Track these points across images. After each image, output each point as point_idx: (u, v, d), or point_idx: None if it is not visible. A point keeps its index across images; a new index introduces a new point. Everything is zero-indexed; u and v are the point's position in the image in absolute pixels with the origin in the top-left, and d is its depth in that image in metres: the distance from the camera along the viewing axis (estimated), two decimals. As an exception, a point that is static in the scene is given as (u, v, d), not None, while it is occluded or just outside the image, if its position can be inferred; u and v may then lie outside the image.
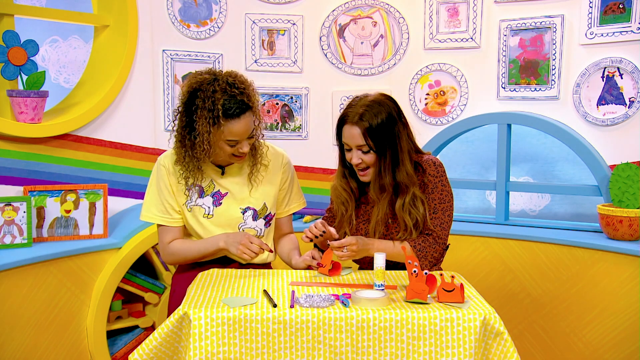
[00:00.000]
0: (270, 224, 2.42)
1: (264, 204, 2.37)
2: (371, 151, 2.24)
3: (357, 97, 2.31)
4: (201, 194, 2.32)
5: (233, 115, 2.17)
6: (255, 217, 2.36)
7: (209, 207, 2.32)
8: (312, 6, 3.67)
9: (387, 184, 2.27)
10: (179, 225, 2.35)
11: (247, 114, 2.21)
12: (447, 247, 2.40)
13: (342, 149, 2.35)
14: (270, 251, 2.28)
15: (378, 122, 2.22)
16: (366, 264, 2.38)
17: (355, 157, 2.26)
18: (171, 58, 3.40)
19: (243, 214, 2.34)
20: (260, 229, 2.37)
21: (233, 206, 2.34)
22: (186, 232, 2.40)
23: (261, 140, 2.36)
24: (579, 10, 3.22)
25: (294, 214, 2.56)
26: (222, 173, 2.34)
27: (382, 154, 2.25)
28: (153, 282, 3.10)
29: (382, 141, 2.23)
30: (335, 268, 2.24)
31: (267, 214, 2.38)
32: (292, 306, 1.85)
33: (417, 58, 3.62)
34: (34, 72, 2.89)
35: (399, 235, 2.31)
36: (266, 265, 2.45)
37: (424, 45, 3.60)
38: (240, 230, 2.34)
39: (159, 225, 2.37)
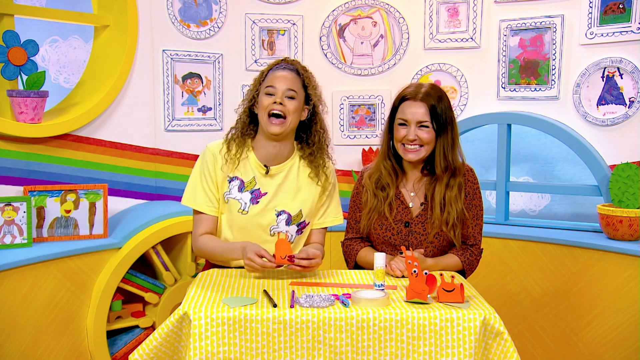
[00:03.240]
0: (302, 232, 2.38)
1: (300, 210, 2.35)
2: (430, 128, 2.30)
3: (412, 83, 2.41)
4: (241, 188, 2.32)
5: (278, 68, 2.33)
6: (288, 222, 2.34)
7: (245, 203, 2.32)
8: (312, 6, 3.67)
9: (451, 164, 2.33)
10: (214, 214, 2.35)
11: (292, 73, 2.31)
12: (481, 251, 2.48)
13: (390, 130, 2.38)
14: (278, 266, 2.18)
15: (441, 103, 2.31)
16: None
17: (412, 133, 2.30)
18: (171, 58, 3.40)
19: (277, 216, 2.33)
20: (292, 235, 2.35)
21: (269, 207, 2.32)
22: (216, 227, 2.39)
23: (325, 162, 2.38)
24: (579, 10, 3.22)
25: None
26: (267, 172, 2.33)
27: (443, 133, 2.31)
28: (153, 282, 3.10)
29: (444, 121, 2.30)
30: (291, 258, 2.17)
31: (301, 221, 2.36)
32: (292, 306, 1.85)
33: (417, 58, 3.62)
34: (34, 72, 2.89)
35: (443, 223, 2.33)
36: None
37: (424, 45, 3.60)
38: (271, 232, 2.33)
39: (194, 214, 2.38)
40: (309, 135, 2.38)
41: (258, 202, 2.32)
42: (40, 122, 2.92)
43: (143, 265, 3.17)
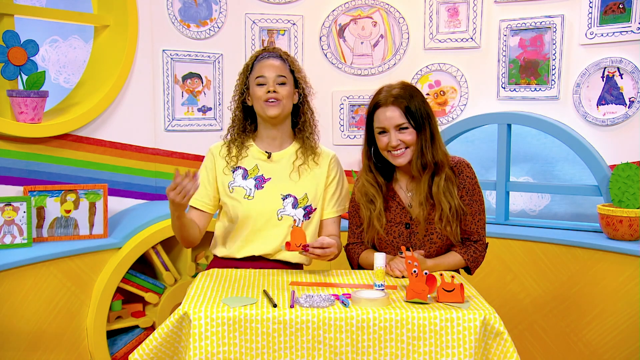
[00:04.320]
0: (310, 217, 2.40)
1: (305, 194, 2.38)
2: (410, 129, 2.26)
3: (383, 86, 2.35)
4: (244, 176, 2.38)
5: (263, 57, 2.38)
6: (294, 206, 2.37)
7: (250, 189, 2.37)
8: (312, 6, 3.67)
9: (430, 162, 2.28)
10: (200, 208, 2.40)
11: (278, 60, 2.37)
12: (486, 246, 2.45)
13: (369, 141, 2.36)
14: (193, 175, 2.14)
15: (415, 101, 2.27)
16: None
17: (394, 139, 2.26)
18: (171, 58, 3.40)
19: (283, 200, 2.36)
20: (299, 219, 2.37)
21: (274, 191, 2.37)
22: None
23: (316, 143, 2.43)
24: (579, 10, 3.22)
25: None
26: (269, 157, 2.40)
27: (422, 130, 2.27)
28: (153, 282, 3.10)
29: (420, 118, 2.27)
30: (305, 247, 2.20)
31: (307, 204, 2.38)
32: (292, 306, 1.85)
33: (417, 58, 3.62)
34: (34, 72, 2.89)
35: (437, 220, 2.30)
36: (298, 266, 2.45)
37: (424, 45, 3.60)
38: (279, 216, 2.35)
39: None
40: (299, 118, 2.43)
41: (263, 187, 2.37)
42: (40, 122, 2.93)
43: (143, 265, 3.16)
